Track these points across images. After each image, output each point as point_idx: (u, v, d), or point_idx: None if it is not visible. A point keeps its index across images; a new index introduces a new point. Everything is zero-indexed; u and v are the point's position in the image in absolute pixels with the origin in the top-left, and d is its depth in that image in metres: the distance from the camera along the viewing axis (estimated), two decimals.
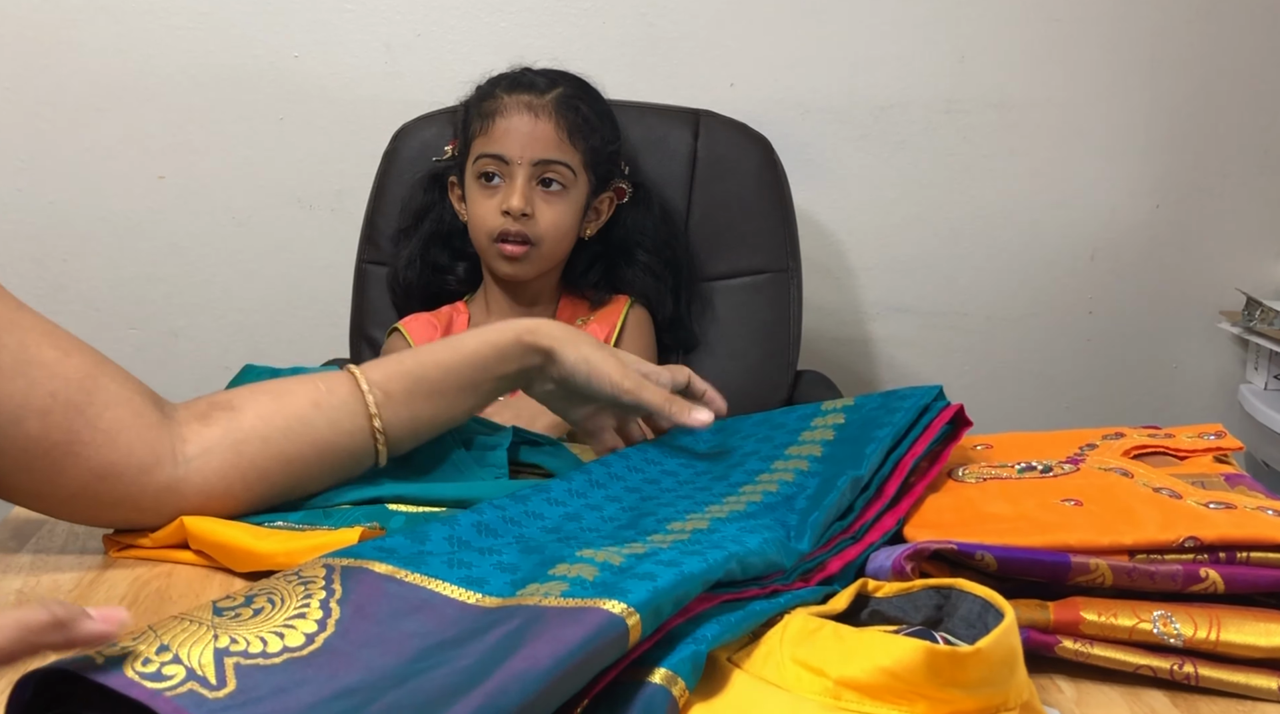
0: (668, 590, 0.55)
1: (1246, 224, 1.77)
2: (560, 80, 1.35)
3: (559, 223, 1.32)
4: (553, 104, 1.31)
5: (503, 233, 1.30)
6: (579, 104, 1.33)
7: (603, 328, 1.37)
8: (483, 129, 1.32)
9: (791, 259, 1.47)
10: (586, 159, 1.33)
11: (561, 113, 1.31)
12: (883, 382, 1.81)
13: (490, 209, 1.30)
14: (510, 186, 1.29)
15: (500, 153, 1.30)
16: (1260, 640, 0.66)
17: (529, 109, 1.31)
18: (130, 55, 1.63)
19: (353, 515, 0.77)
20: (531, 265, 1.32)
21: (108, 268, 1.71)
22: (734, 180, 1.46)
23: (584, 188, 1.34)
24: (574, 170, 1.32)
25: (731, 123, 1.48)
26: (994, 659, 0.53)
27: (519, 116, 1.30)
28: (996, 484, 0.81)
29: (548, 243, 1.32)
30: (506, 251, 1.30)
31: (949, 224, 1.74)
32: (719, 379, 1.44)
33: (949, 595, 0.64)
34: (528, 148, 1.30)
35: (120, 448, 0.72)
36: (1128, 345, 1.81)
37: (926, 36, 1.67)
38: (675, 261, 1.44)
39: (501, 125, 1.30)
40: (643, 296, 1.41)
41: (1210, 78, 1.71)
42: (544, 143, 1.30)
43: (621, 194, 1.40)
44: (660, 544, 0.63)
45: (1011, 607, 0.59)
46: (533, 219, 1.30)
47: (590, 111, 1.34)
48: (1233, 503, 0.75)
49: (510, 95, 1.32)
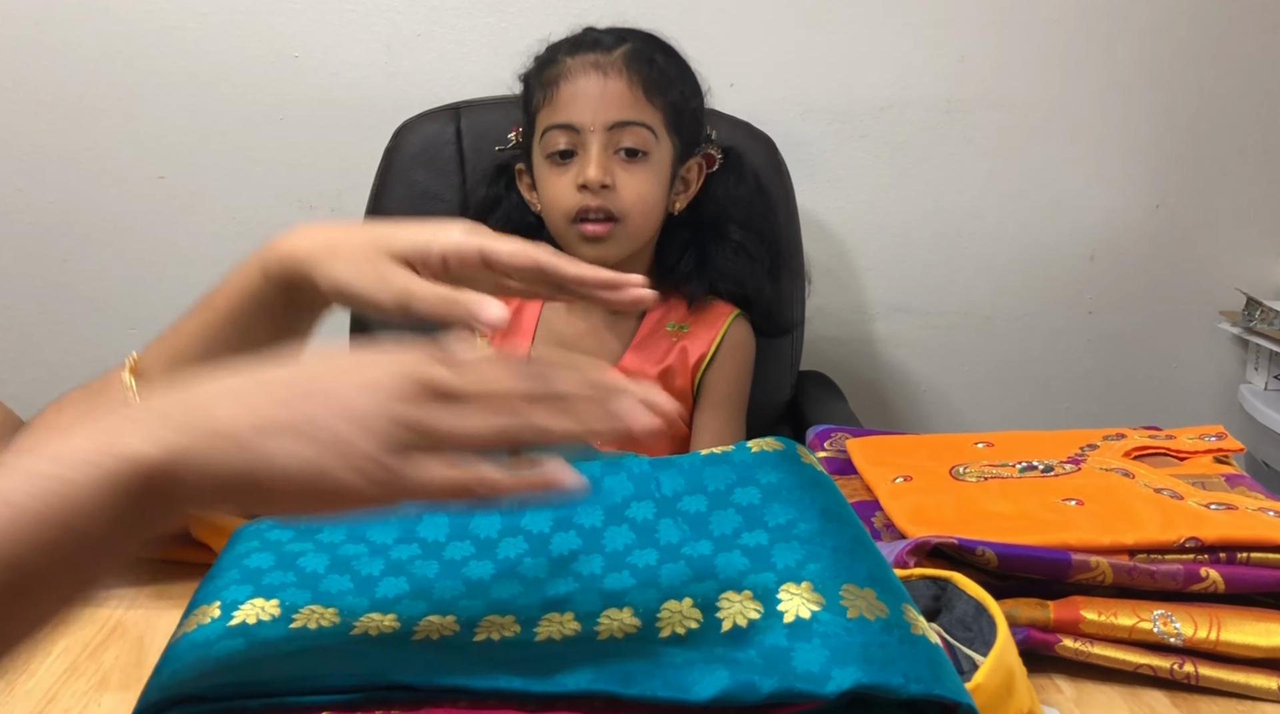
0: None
1: (1247, 224, 1.77)
2: (628, 35, 1.20)
3: (644, 194, 1.16)
4: (623, 60, 1.16)
5: (582, 210, 1.15)
6: (654, 56, 1.19)
7: (702, 338, 1.24)
8: (547, 99, 1.17)
9: (795, 258, 1.46)
10: (668, 118, 1.18)
11: (635, 68, 1.16)
12: (883, 382, 1.81)
13: (564, 186, 1.15)
14: (585, 157, 1.14)
15: (569, 121, 1.15)
16: (1260, 640, 0.66)
17: (596, 68, 1.16)
18: (130, 55, 1.63)
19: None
20: (617, 245, 1.17)
21: (108, 268, 1.70)
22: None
23: (668, 153, 1.19)
24: (655, 132, 1.17)
25: (734, 121, 1.47)
26: (990, 687, 0.54)
27: (586, 78, 1.16)
28: (997, 483, 0.81)
29: (634, 218, 1.16)
30: (588, 232, 1.15)
31: (949, 224, 1.74)
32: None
33: (945, 587, 0.64)
34: (600, 111, 1.14)
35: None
36: (1128, 345, 1.81)
37: (926, 36, 1.67)
38: (773, 239, 1.31)
39: (568, 91, 1.16)
40: (736, 282, 1.26)
41: (1211, 77, 1.71)
42: (618, 103, 1.15)
43: (711, 161, 1.26)
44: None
45: (1005, 618, 0.59)
46: (614, 191, 1.15)
47: (667, 63, 1.20)
48: (1233, 504, 0.75)
49: (574, 57, 1.17)
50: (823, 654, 0.50)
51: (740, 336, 1.26)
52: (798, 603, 0.53)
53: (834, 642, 0.50)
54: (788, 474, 0.63)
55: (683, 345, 1.23)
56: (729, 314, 1.26)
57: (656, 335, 1.25)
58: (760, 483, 0.63)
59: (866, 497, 0.84)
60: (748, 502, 0.62)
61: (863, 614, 0.51)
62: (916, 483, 0.82)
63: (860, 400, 1.70)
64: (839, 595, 0.53)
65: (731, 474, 0.64)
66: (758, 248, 1.28)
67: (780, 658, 0.50)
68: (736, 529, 0.60)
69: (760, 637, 0.52)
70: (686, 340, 1.24)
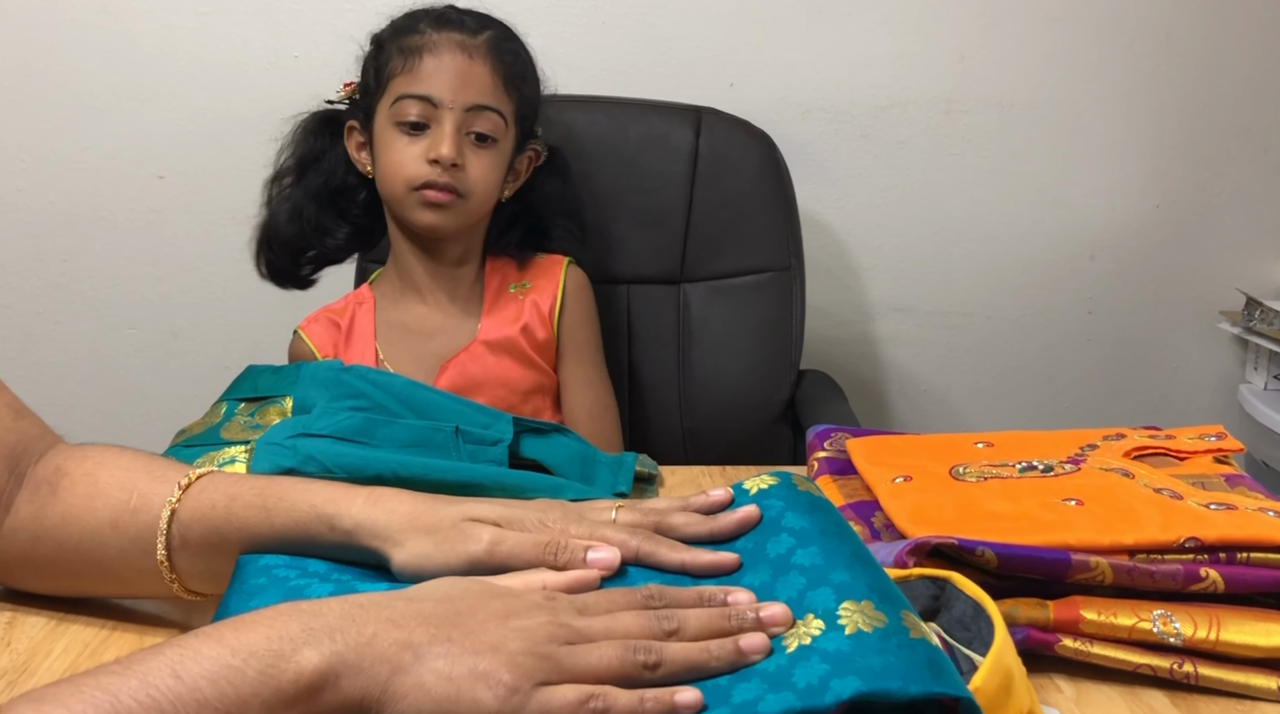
0: None
1: (1247, 224, 1.77)
2: (489, 23, 1.22)
3: (488, 177, 1.20)
4: (486, 46, 1.19)
5: (427, 182, 1.16)
6: (515, 48, 1.22)
7: (546, 290, 1.28)
8: (406, 67, 1.17)
9: (794, 257, 1.46)
10: (517, 109, 1.22)
11: (498, 56, 1.19)
12: (884, 382, 1.81)
13: (413, 157, 1.16)
14: (439, 133, 1.16)
15: (429, 93, 1.16)
16: (1260, 640, 0.66)
17: (463, 49, 1.17)
18: (130, 55, 1.63)
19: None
20: (455, 217, 1.19)
21: (108, 268, 1.71)
22: (736, 178, 1.45)
23: (511, 142, 1.23)
24: (506, 121, 1.20)
25: (734, 120, 1.48)
26: (989, 690, 0.54)
27: (451, 55, 1.17)
28: (998, 483, 0.81)
29: (476, 197, 1.19)
30: (430, 197, 1.16)
31: (949, 224, 1.74)
32: (721, 380, 1.46)
33: (944, 587, 0.64)
34: (461, 91, 1.16)
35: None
36: (1127, 345, 1.81)
37: (926, 36, 1.67)
38: (585, 223, 1.37)
39: (430, 64, 1.16)
40: (560, 239, 1.32)
41: (1211, 77, 1.71)
42: (479, 87, 1.17)
43: (538, 156, 1.30)
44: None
45: (1005, 617, 0.59)
46: (462, 171, 1.17)
47: (524, 59, 1.23)
48: (1233, 504, 0.75)
49: (439, 32, 1.18)
50: (822, 668, 0.51)
51: (579, 280, 1.31)
52: (799, 635, 0.55)
53: (833, 657, 0.52)
54: (785, 505, 0.66)
55: (531, 299, 1.27)
56: (562, 262, 1.31)
57: (504, 299, 1.28)
58: (760, 521, 0.66)
59: (866, 497, 0.84)
60: (752, 544, 0.64)
61: (860, 628, 0.53)
62: (916, 483, 0.82)
63: (860, 400, 1.70)
64: (837, 616, 0.54)
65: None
66: (580, 232, 1.35)
67: (781, 677, 0.52)
68: (741, 570, 0.63)
69: (764, 666, 0.54)
70: (534, 294, 1.27)
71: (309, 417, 0.86)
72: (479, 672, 0.51)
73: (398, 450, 0.83)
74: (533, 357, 1.26)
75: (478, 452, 0.86)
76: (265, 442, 0.82)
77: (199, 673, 0.48)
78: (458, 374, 1.23)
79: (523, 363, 1.26)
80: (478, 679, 0.51)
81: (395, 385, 0.93)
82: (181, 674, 0.47)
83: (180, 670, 0.47)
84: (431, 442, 0.86)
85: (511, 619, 0.54)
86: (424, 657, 0.51)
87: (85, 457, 0.72)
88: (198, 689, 0.47)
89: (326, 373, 0.92)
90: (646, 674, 0.54)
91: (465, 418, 0.90)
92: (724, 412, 1.46)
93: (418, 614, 0.53)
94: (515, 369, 1.25)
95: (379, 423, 0.86)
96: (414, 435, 0.86)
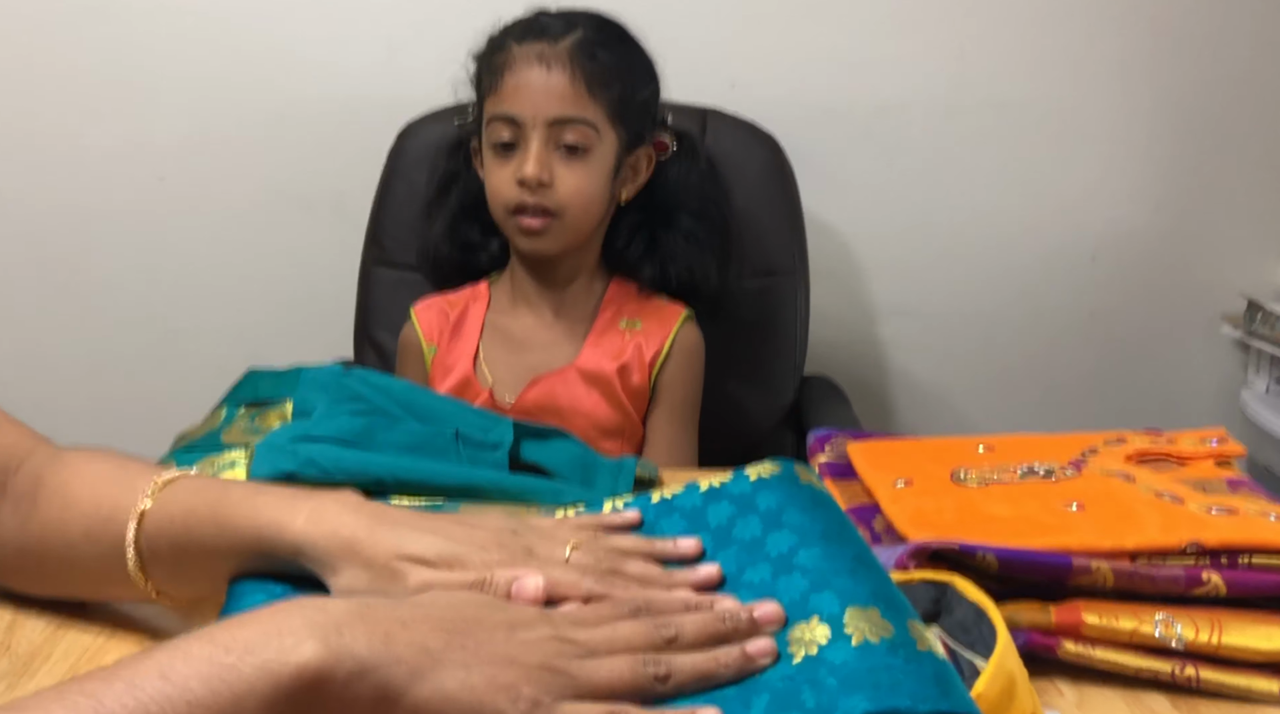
0: None
1: (1248, 227, 1.77)
2: (579, 22, 1.18)
3: (582, 190, 1.16)
4: (567, 53, 1.15)
5: (519, 205, 1.15)
6: (597, 50, 1.17)
7: (655, 336, 1.24)
8: (493, 87, 1.16)
9: (799, 260, 1.45)
10: (611, 112, 1.17)
11: (578, 62, 1.15)
12: (885, 385, 1.80)
13: (505, 179, 1.16)
14: (525, 152, 1.14)
15: (511, 113, 1.14)
16: (1262, 644, 0.66)
17: (540, 60, 1.14)
18: (130, 55, 1.63)
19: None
20: (554, 239, 1.17)
21: (108, 268, 1.70)
22: (741, 180, 1.44)
23: (612, 145, 1.18)
24: (597, 128, 1.16)
25: (739, 122, 1.47)
26: (991, 696, 0.54)
27: (529, 70, 1.14)
28: (999, 487, 0.81)
29: (572, 212, 1.16)
30: (524, 224, 1.16)
31: (948, 226, 1.74)
32: (722, 382, 1.46)
33: (945, 591, 0.64)
34: (542, 106, 1.14)
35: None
36: (1128, 348, 1.81)
37: (926, 36, 1.66)
38: (724, 226, 1.30)
39: (511, 82, 1.15)
40: (685, 268, 1.27)
41: (1212, 79, 1.70)
42: (559, 99, 1.14)
43: (663, 148, 1.25)
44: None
45: (1007, 621, 0.59)
46: (551, 188, 1.15)
47: (612, 57, 1.18)
48: (1235, 508, 0.75)
49: (521, 45, 1.16)
50: (830, 684, 0.51)
51: (692, 339, 1.27)
52: (805, 642, 0.55)
53: (841, 671, 0.51)
54: (787, 498, 0.65)
55: (637, 342, 1.24)
56: (680, 314, 1.27)
57: (611, 331, 1.25)
58: (760, 511, 0.65)
59: (867, 500, 0.84)
60: (750, 535, 0.64)
61: (867, 638, 0.53)
62: (917, 486, 0.82)
63: (862, 403, 1.70)
64: (843, 623, 0.54)
65: (731, 507, 0.67)
66: (708, 235, 1.28)
67: (789, 695, 0.52)
68: (740, 565, 0.62)
69: (769, 677, 0.54)
70: (640, 337, 1.24)
71: (309, 420, 0.86)
72: (499, 683, 0.50)
73: (398, 454, 0.83)
74: (622, 399, 1.22)
75: (478, 455, 0.86)
76: (265, 445, 0.82)
77: (189, 673, 0.46)
78: (545, 393, 1.20)
79: (611, 402, 1.22)
80: (498, 691, 0.50)
81: (396, 389, 0.93)
82: (169, 675, 0.46)
83: (168, 672, 0.46)
84: (432, 445, 0.86)
85: (517, 631, 0.53)
86: (443, 662, 0.50)
87: (63, 466, 0.71)
88: (188, 689, 0.45)
89: (327, 377, 0.92)
90: (658, 686, 0.53)
91: (465, 421, 0.90)
92: (727, 416, 1.45)
93: (426, 618, 0.52)
94: (603, 406, 1.21)
95: (379, 426, 0.86)
96: (414, 439, 0.86)
